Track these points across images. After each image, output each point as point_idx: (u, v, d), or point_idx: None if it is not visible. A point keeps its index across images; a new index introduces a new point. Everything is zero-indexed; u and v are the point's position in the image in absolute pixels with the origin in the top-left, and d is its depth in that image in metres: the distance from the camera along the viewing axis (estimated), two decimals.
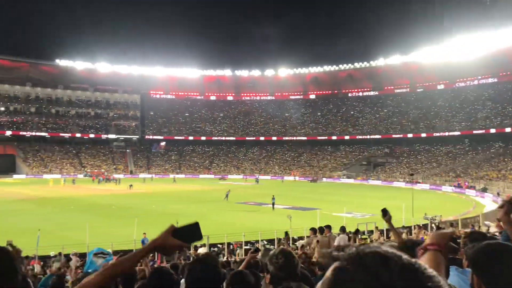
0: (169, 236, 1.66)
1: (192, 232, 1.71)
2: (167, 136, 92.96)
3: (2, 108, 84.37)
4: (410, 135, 78.78)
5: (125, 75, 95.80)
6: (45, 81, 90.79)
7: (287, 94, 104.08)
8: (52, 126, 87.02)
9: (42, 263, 15.17)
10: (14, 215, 28.18)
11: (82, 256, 15.51)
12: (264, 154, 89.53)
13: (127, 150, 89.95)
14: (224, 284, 2.77)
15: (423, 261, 1.10)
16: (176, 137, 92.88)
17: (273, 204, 33.12)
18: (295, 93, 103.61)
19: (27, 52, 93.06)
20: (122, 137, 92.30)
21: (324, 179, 72.87)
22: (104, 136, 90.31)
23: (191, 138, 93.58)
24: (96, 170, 76.99)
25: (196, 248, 17.01)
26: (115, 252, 15.87)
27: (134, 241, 17.75)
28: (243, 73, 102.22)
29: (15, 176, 70.91)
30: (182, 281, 4.14)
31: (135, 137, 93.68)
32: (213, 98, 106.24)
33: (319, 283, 0.74)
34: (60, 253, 15.89)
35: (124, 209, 31.60)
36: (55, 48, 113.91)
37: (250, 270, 3.77)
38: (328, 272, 0.72)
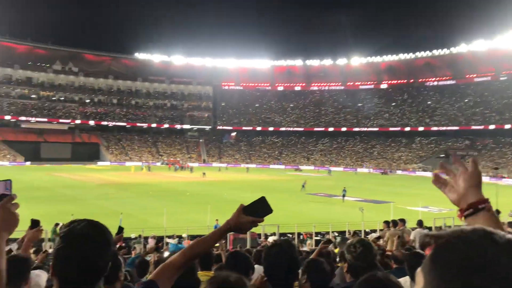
0: (241, 214, 1.73)
1: (261, 207, 1.77)
2: (237, 126, 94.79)
3: (88, 100, 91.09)
4: (492, 127, 73.25)
5: (198, 67, 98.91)
6: (125, 74, 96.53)
7: (359, 83, 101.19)
8: (131, 117, 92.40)
9: (124, 244, 16.25)
10: (99, 198, 30.40)
11: (160, 239, 16.42)
12: (335, 145, 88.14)
13: (200, 140, 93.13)
14: (300, 271, 2.79)
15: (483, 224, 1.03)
16: (244, 128, 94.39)
17: (343, 196, 32.62)
18: (368, 83, 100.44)
19: (109, 47, 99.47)
20: (195, 127, 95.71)
21: (399, 171, 70.22)
22: (179, 127, 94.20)
23: (259, 128, 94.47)
24: (172, 159, 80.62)
25: (266, 236, 17.28)
26: (191, 237, 16.62)
27: (208, 226, 18.39)
28: (314, 62, 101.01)
29: (99, 163, 76.41)
30: (256, 266, 4.23)
31: (207, 127, 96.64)
32: (283, 88, 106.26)
33: (421, 267, 0.72)
34: (140, 236, 16.92)
35: (198, 196, 32.83)
36: (135, 42, 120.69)
37: (325, 259, 3.75)
38: (432, 250, 0.70)
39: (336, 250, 9.55)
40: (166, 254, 11.96)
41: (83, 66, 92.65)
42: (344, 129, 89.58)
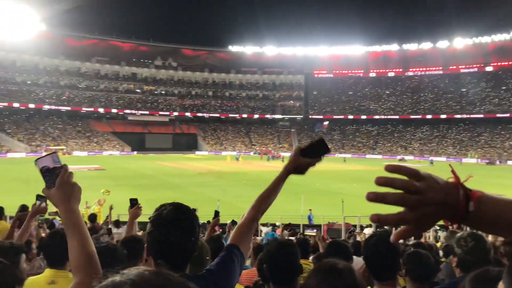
0: (299, 156, 1.82)
1: (319, 148, 1.80)
2: (329, 115, 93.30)
3: (186, 93, 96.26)
4: None
5: (289, 57, 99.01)
6: (220, 66, 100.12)
7: (462, 66, 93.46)
8: (225, 108, 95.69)
9: (221, 230, 16.96)
10: (199, 186, 32.03)
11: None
12: (435, 134, 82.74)
13: (292, 130, 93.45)
14: (401, 261, 2.69)
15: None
16: (335, 116, 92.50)
17: None
18: (473, 65, 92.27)
19: (205, 41, 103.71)
20: (287, 117, 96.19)
21: (510, 162, 63.82)
22: (270, 116, 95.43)
23: (350, 117, 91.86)
24: (264, 148, 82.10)
25: (362, 227, 16.83)
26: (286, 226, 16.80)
27: (301, 216, 18.43)
28: (411, 46, 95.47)
29: (197, 152, 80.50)
30: (354, 257, 4.13)
31: (299, 117, 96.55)
32: (377, 75, 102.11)
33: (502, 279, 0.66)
34: (236, 222, 17.52)
35: (290, 185, 32.94)
36: (229, 35, 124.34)
37: (428, 252, 3.57)
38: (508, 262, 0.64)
39: (438, 244, 9.00)
40: (258, 239, 12.23)
41: (181, 61, 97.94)
42: (444, 116, 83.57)
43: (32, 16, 75.10)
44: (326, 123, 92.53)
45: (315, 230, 15.52)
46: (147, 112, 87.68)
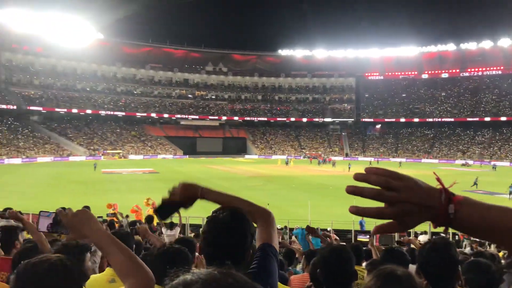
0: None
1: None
2: (381, 118, 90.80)
3: (236, 97, 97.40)
4: None
5: (340, 59, 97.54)
6: (269, 70, 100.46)
7: None
8: (275, 112, 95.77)
9: None
10: (249, 189, 32.14)
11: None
12: (497, 137, 78.17)
13: (343, 133, 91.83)
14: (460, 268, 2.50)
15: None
16: (388, 120, 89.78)
17: (510, 193, 28.86)
18: None
19: (254, 46, 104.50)
20: (337, 120, 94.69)
21: None
22: (320, 120, 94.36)
23: (403, 120, 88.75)
24: (313, 152, 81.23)
25: (416, 234, 16.11)
26: (336, 231, 16.43)
27: (353, 221, 17.95)
28: (470, 45, 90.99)
29: (246, 156, 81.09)
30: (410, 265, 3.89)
31: (350, 120, 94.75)
32: (432, 76, 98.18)
33: None
34: (285, 227, 17.34)
35: (341, 190, 32.44)
36: (278, 39, 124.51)
37: (490, 261, 3.31)
38: None
39: (501, 254, 8.45)
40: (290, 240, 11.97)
41: (232, 66, 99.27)
42: (504, 118, 78.65)
43: (89, 26, 79.11)
44: (378, 126, 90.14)
45: (367, 236, 15.05)
46: (198, 117, 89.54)
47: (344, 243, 6.99)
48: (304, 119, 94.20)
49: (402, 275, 1.54)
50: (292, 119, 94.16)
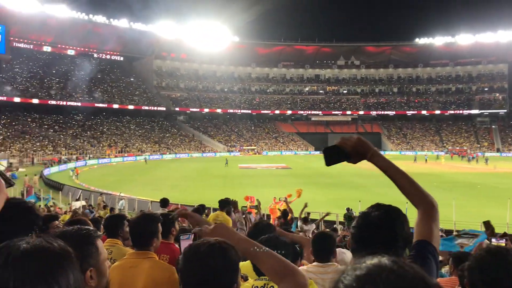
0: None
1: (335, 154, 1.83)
2: None
3: (369, 91, 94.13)
4: None
5: (489, 44, 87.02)
6: (405, 61, 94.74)
7: None
8: (412, 105, 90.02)
9: None
10: (382, 186, 30.75)
11: (449, 233, 15.17)
12: None
13: (493, 126, 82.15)
14: None
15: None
16: None
17: None
18: None
19: (388, 36, 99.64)
20: (486, 112, 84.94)
21: None
22: (465, 112, 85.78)
23: None
24: (457, 148, 74.30)
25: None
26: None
27: (507, 224, 15.90)
28: None
29: (381, 152, 77.46)
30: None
31: (502, 111, 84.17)
32: None
33: None
34: None
35: (492, 189, 29.07)
36: (414, 28, 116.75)
37: None
38: None
39: None
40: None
41: (364, 59, 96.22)
42: None
43: (227, 30, 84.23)
44: None
45: None
46: (330, 112, 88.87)
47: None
48: (451, 111, 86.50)
49: None
50: (437, 112, 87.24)
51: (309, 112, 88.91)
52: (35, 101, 61.74)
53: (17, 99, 59.04)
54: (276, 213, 14.95)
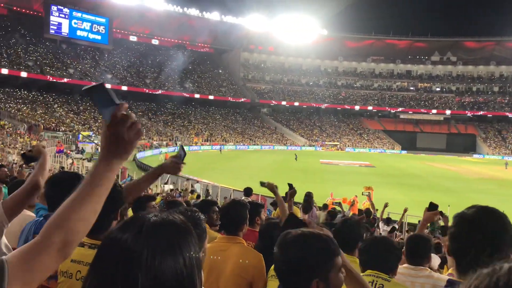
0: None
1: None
2: None
3: (465, 89, 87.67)
4: None
5: None
6: (510, 58, 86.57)
7: None
8: None
9: None
10: (476, 192, 28.70)
11: None
12: None
13: None
14: None
15: None
16: None
17: None
18: None
19: (492, 30, 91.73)
20: None
21: None
22: None
23: None
24: None
25: None
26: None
27: None
28: None
29: (474, 155, 72.29)
30: None
31: None
32: None
33: None
34: None
35: None
36: None
37: None
38: None
39: None
40: None
41: (462, 55, 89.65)
42: None
43: (315, 23, 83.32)
44: None
45: None
46: (420, 110, 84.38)
47: None
48: None
49: None
50: None
51: (398, 109, 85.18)
52: (132, 89, 66.31)
53: (115, 87, 63.89)
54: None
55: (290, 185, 4.04)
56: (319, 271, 1.34)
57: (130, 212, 3.40)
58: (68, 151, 35.41)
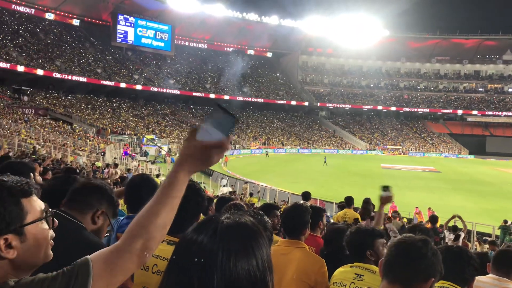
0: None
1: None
2: None
3: None
4: None
5: None
6: None
7: None
8: None
9: None
10: None
11: None
12: None
13: None
14: None
15: None
16: None
17: None
18: None
19: None
20: None
21: None
22: None
23: None
24: None
25: None
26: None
27: None
28: None
29: None
30: None
31: None
32: None
33: None
34: None
35: None
36: None
37: None
38: None
39: None
40: None
41: None
42: None
43: (377, 24, 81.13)
44: None
45: None
46: (490, 113, 79.40)
47: None
48: None
49: None
50: None
51: (465, 111, 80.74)
52: (193, 93, 68.22)
53: (176, 92, 65.88)
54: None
55: (386, 188, 3.44)
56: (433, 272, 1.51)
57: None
58: (133, 154, 37.08)
